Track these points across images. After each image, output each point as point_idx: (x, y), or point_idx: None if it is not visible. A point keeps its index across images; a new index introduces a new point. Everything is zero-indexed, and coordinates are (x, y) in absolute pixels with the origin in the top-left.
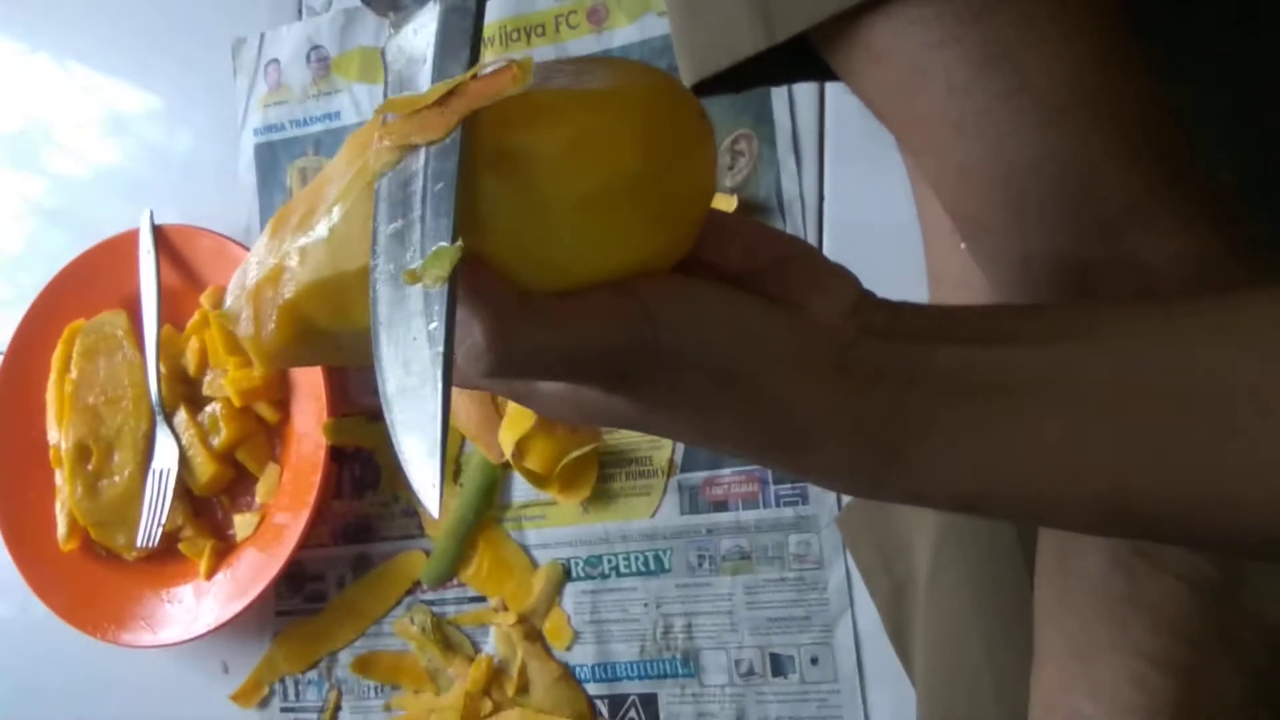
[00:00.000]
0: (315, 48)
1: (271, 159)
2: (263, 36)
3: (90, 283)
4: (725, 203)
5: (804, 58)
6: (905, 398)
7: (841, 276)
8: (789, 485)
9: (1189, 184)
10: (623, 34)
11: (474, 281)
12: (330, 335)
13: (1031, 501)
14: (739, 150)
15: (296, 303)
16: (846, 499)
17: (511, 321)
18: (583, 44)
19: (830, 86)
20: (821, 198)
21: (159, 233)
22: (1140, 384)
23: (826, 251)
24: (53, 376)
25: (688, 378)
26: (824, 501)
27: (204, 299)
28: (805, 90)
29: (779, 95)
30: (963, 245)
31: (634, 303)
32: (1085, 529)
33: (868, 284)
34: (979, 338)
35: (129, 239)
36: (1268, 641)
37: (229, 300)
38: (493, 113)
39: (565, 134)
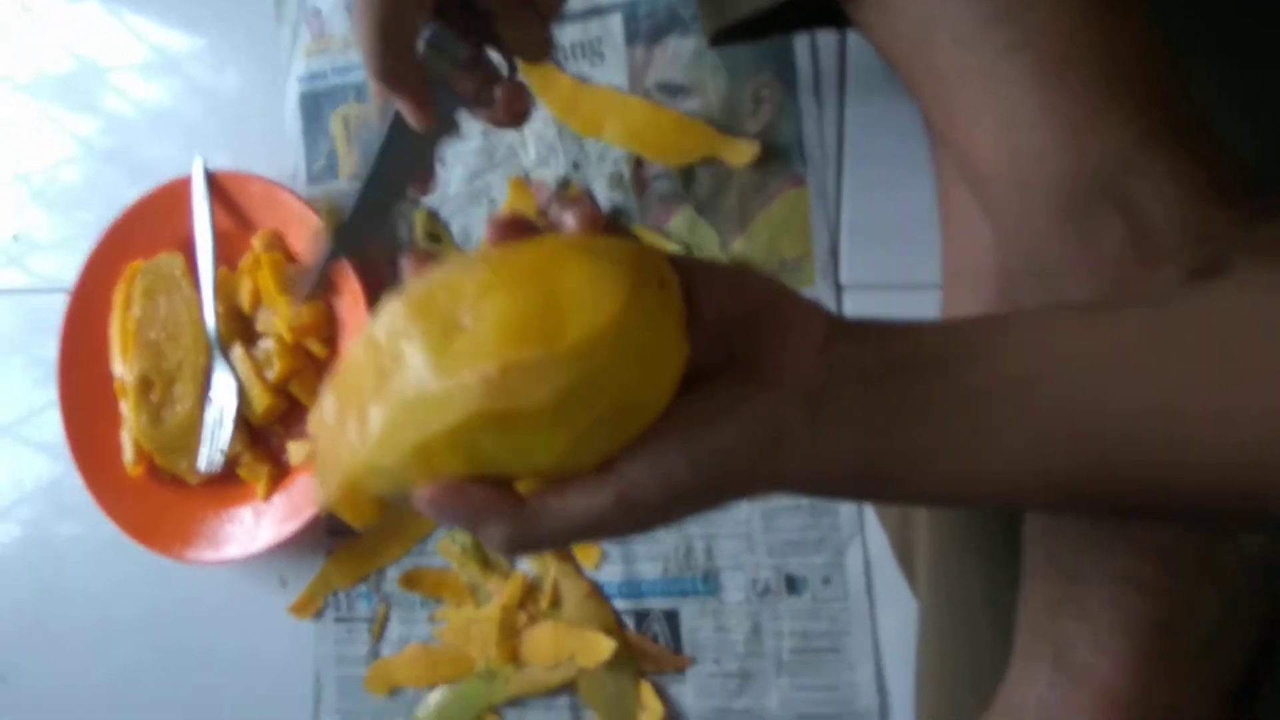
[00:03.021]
0: None
1: (315, 107)
2: None
3: (148, 226)
4: (748, 148)
5: (823, 6)
6: (874, 443)
7: (809, 312)
8: None
9: (1185, 136)
10: None
11: (488, 498)
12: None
13: (1006, 498)
14: (762, 97)
15: (362, 481)
16: None
17: (517, 527)
18: None
19: (852, 34)
20: (841, 143)
21: (211, 178)
22: (1090, 403)
23: (845, 195)
24: (116, 313)
25: (680, 507)
26: None
27: (255, 241)
28: (827, 38)
29: (801, 42)
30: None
31: (611, 486)
32: (1055, 512)
33: (886, 227)
34: (939, 362)
35: (183, 185)
36: (1246, 565)
37: (324, 497)
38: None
39: (547, 393)
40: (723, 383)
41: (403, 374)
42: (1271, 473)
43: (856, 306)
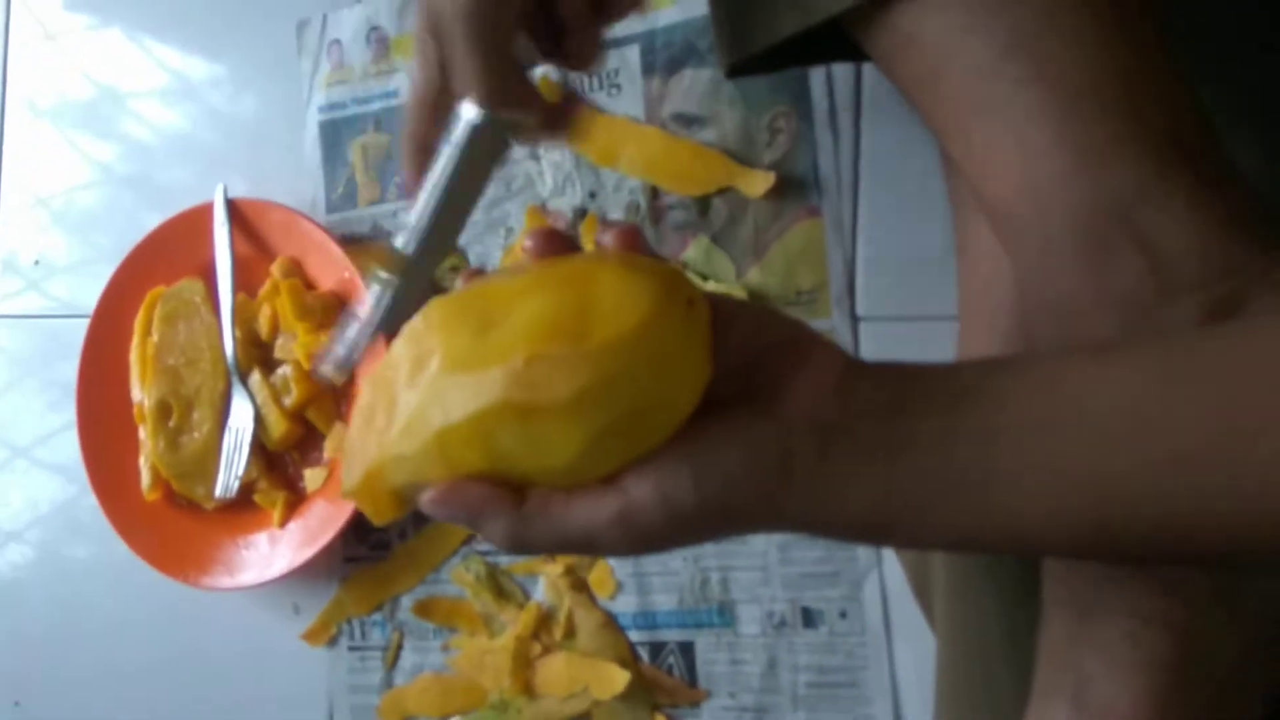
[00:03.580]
0: (374, 28)
1: (335, 136)
2: (325, 18)
3: (168, 252)
4: (763, 180)
5: (838, 39)
6: (884, 482)
7: (826, 350)
8: None
9: (1202, 167)
10: (666, 14)
11: (487, 494)
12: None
13: (1017, 543)
14: (777, 128)
15: (383, 470)
16: None
17: (514, 520)
18: (626, 24)
19: (867, 66)
20: (857, 174)
21: (232, 206)
22: (1103, 447)
23: (860, 226)
24: (135, 339)
25: (682, 534)
26: None
27: (274, 268)
28: (843, 69)
29: (817, 74)
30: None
31: (615, 500)
32: (1067, 558)
33: (902, 258)
34: (952, 401)
35: (204, 211)
36: (1269, 612)
37: (347, 484)
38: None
39: (567, 389)
40: (736, 412)
41: (434, 365)
42: None
43: (872, 338)
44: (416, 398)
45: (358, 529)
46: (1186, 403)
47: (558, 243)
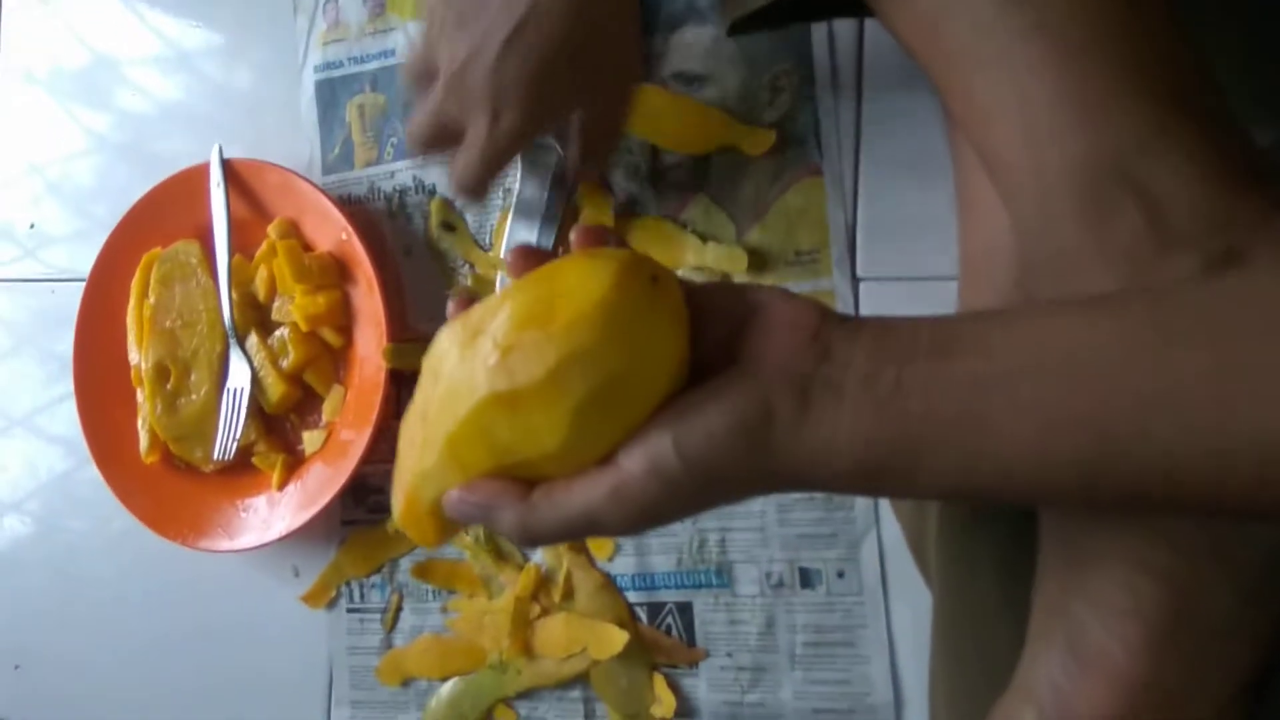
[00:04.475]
0: None
1: (331, 96)
2: None
3: (164, 214)
4: (765, 137)
5: None
6: (871, 431)
7: (799, 306)
8: None
9: (1203, 123)
10: None
11: (495, 488)
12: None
13: (1008, 491)
14: (779, 86)
15: (417, 491)
16: None
17: (522, 514)
18: None
19: (869, 23)
20: (859, 133)
21: (228, 166)
22: (1092, 392)
23: (862, 186)
24: (132, 301)
25: (675, 503)
26: None
27: (271, 230)
28: (844, 28)
29: (819, 32)
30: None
31: (609, 477)
32: (1060, 507)
33: (903, 218)
34: (938, 349)
35: (200, 172)
36: (1263, 561)
37: (396, 514)
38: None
39: (542, 369)
40: (718, 377)
41: (440, 382)
42: (1274, 464)
43: (873, 298)
44: (429, 416)
45: (356, 491)
46: (1176, 345)
47: (534, 259)
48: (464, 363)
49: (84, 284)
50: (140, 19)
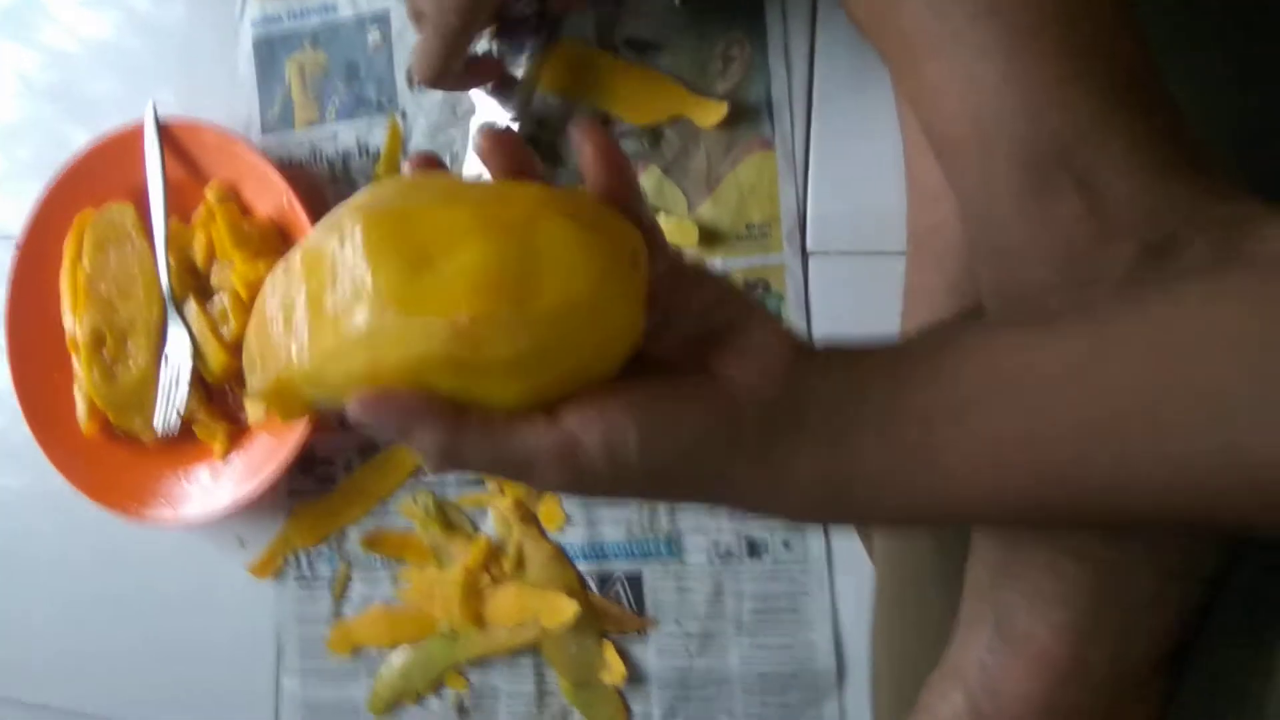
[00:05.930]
0: None
1: (269, 53)
2: None
3: (98, 174)
4: (716, 109)
5: None
6: (828, 463)
7: (779, 335)
8: None
9: (1147, 114)
10: None
11: (423, 403)
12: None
13: (960, 518)
14: (731, 56)
15: (297, 386)
16: None
17: (450, 433)
18: None
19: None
20: (810, 107)
21: (162, 127)
22: (1034, 422)
23: (813, 159)
24: (65, 265)
25: (624, 485)
26: None
27: (209, 192)
28: (798, 1)
29: (772, 4)
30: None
31: (560, 433)
32: (1014, 527)
33: (854, 193)
34: (892, 384)
35: (134, 133)
36: (1180, 544)
37: (253, 385)
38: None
39: (509, 350)
40: (687, 383)
41: (361, 295)
42: (1210, 485)
43: (823, 273)
44: (340, 331)
45: (303, 462)
46: (1114, 372)
47: (507, 148)
48: (412, 297)
49: (14, 244)
50: None
